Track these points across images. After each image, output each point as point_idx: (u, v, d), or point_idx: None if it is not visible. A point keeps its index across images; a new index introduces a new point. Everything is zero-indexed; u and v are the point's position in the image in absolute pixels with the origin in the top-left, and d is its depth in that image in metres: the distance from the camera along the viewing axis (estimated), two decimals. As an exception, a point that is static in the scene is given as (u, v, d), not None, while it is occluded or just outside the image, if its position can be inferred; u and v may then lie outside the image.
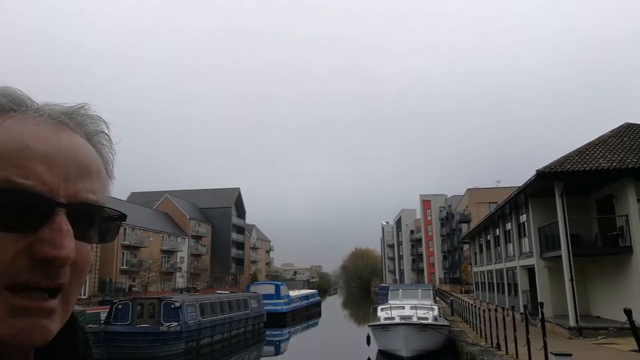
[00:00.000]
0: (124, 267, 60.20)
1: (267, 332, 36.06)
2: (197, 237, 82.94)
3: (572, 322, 19.22)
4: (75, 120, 0.67)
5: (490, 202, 57.91)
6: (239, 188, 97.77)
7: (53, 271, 0.58)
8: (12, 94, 0.64)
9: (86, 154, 0.65)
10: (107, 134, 0.71)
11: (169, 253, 72.02)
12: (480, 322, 21.21)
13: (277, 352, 32.34)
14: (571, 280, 19.64)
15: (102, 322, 25.57)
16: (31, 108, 0.64)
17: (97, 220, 0.65)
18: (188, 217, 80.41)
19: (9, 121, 0.61)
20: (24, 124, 0.61)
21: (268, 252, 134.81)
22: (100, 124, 0.70)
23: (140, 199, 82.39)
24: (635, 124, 23.20)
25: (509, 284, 31.06)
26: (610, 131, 22.83)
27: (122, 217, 0.69)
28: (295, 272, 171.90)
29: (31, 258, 0.56)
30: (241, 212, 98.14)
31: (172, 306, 24.93)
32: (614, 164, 19.48)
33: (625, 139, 21.75)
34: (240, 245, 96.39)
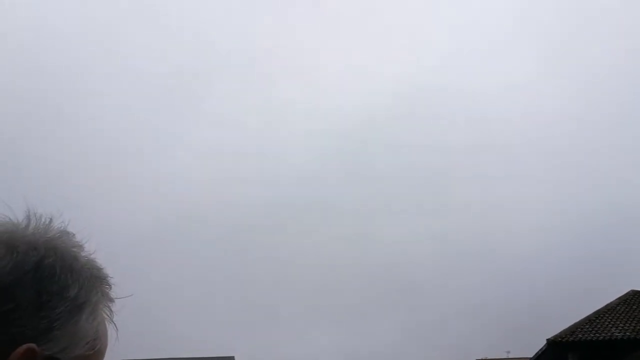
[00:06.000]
0: None
1: None
2: (184, 414, 75.57)
3: None
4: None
5: (502, 375, 54.19)
6: (233, 357, 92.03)
7: None
8: (107, 278, 0.70)
9: None
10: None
11: None
12: None
13: None
14: None
15: None
16: (109, 298, 0.70)
17: None
18: (176, 390, 74.35)
19: (104, 315, 0.68)
20: (106, 321, 0.69)
21: None
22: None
23: (127, 368, 77.14)
24: (641, 292, 22.96)
25: None
26: (617, 299, 22.58)
27: None
28: None
29: None
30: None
31: None
32: (627, 333, 18.96)
33: (634, 307, 21.46)
34: None
